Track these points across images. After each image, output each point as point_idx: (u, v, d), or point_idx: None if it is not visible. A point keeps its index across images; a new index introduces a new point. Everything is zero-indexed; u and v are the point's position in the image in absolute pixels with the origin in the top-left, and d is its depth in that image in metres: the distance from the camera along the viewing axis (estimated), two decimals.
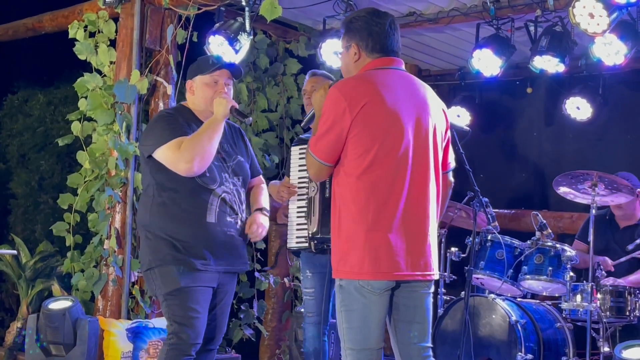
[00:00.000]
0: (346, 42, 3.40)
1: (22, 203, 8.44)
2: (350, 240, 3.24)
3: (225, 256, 3.93)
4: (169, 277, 3.83)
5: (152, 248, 3.90)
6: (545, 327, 5.29)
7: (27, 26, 6.77)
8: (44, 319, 5.08)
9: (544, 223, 5.36)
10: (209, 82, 4.00)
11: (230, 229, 3.94)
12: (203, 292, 3.87)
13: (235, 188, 4.00)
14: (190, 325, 3.81)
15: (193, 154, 3.80)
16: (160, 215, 3.90)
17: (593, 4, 4.67)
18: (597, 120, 6.60)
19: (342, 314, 3.27)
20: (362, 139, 3.21)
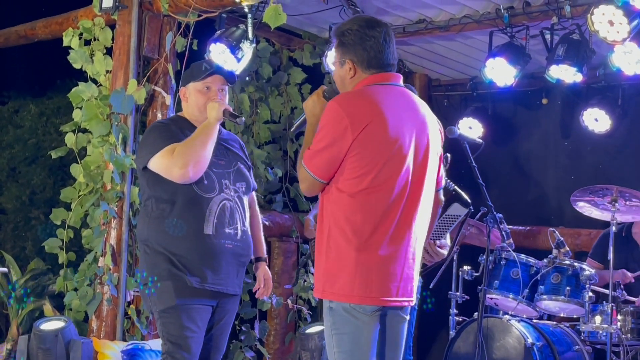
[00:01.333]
0: (340, 57, 3.34)
1: (12, 218, 8.45)
2: (341, 260, 3.20)
3: (224, 273, 3.91)
4: (165, 293, 3.84)
5: (149, 263, 3.92)
6: (563, 350, 5.26)
7: (20, 33, 6.79)
8: (35, 340, 5.08)
9: (561, 240, 5.35)
10: (201, 89, 4.02)
11: (229, 241, 3.92)
12: (200, 311, 3.86)
13: (237, 195, 4.00)
14: (185, 345, 3.81)
15: (187, 158, 3.82)
16: (158, 229, 3.90)
17: (613, 10, 4.69)
18: (616, 132, 6.60)
19: (333, 338, 3.23)
20: (363, 160, 3.19)
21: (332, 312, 3.22)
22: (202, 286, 3.85)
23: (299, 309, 6.47)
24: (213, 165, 3.93)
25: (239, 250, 3.96)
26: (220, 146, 4.01)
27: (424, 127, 3.34)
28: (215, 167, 3.94)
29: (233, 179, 4.01)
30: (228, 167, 4.03)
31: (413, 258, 3.30)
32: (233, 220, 3.94)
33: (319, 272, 3.27)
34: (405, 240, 3.26)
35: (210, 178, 3.92)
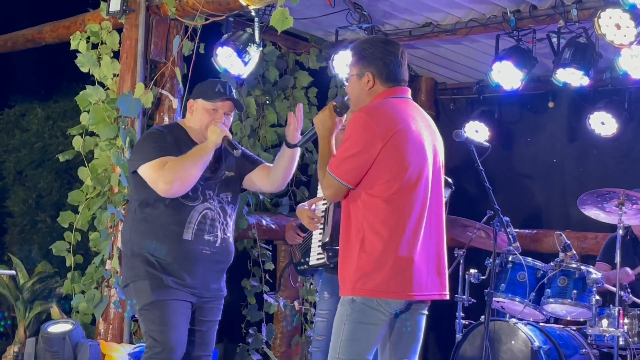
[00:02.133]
0: (359, 70, 3.58)
1: (19, 222, 8.48)
2: (378, 261, 3.42)
3: (201, 277, 4.06)
4: (143, 291, 4.01)
5: (129, 265, 4.09)
6: (569, 354, 5.27)
7: (27, 37, 6.81)
8: (42, 342, 5.10)
9: (568, 244, 5.36)
10: (209, 109, 4.16)
11: (207, 248, 4.07)
12: (178, 306, 4.00)
13: (221, 205, 4.15)
14: (164, 339, 3.95)
15: (174, 176, 3.97)
16: (140, 232, 4.08)
17: (620, 14, 4.69)
18: (623, 136, 6.60)
19: (345, 325, 3.46)
20: (392, 165, 3.42)
21: (353, 304, 3.44)
22: (178, 287, 4.01)
23: (306, 311, 6.49)
24: (200, 177, 4.07)
25: (217, 257, 4.12)
26: (211, 160, 4.12)
27: (435, 135, 3.64)
28: (202, 180, 4.09)
29: (218, 189, 4.17)
30: (215, 178, 4.17)
31: (442, 255, 3.58)
32: (213, 228, 4.10)
33: (348, 272, 3.47)
34: (434, 238, 3.55)
35: (195, 188, 4.07)
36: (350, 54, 3.67)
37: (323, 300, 4.61)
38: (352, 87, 3.61)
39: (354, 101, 3.61)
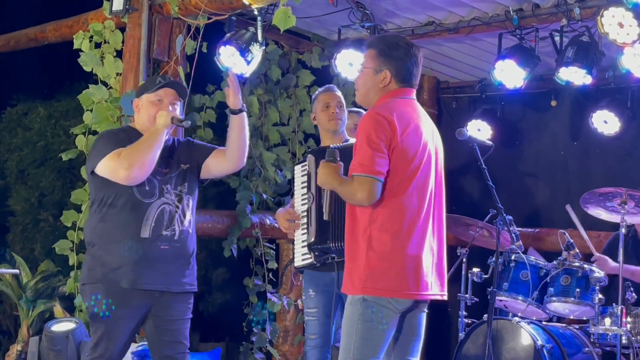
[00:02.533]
0: (377, 65, 3.60)
1: (21, 220, 8.52)
2: (388, 258, 3.46)
3: (159, 274, 4.12)
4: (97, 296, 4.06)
5: (88, 265, 4.16)
6: (572, 353, 5.26)
7: (30, 36, 6.82)
8: (46, 341, 5.11)
9: (571, 242, 5.36)
10: (154, 100, 4.23)
11: (165, 243, 4.13)
12: (127, 314, 4.08)
13: (179, 197, 4.21)
14: (106, 345, 4.05)
15: (132, 160, 4.02)
16: (98, 233, 4.14)
17: (623, 12, 4.70)
18: (626, 134, 6.60)
19: (358, 325, 3.47)
20: (403, 165, 3.47)
21: (364, 303, 3.45)
22: (134, 287, 4.06)
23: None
24: (156, 173, 4.15)
25: (177, 250, 4.18)
26: (165, 154, 4.20)
27: (436, 136, 3.71)
28: (158, 175, 4.16)
29: (175, 183, 4.22)
30: (171, 172, 4.23)
31: (442, 255, 3.64)
32: (171, 223, 4.16)
33: (356, 271, 3.48)
34: (437, 239, 3.61)
35: (152, 184, 4.14)
36: (368, 46, 3.69)
37: (309, 298, 4.62)
38: (365, 79, 3.65)
39: (362, 93, 3.66)
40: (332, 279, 4.50)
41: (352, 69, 5.89)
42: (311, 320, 4.60)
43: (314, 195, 4.37)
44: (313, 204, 4.39)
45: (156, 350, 4.22)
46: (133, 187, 4.09)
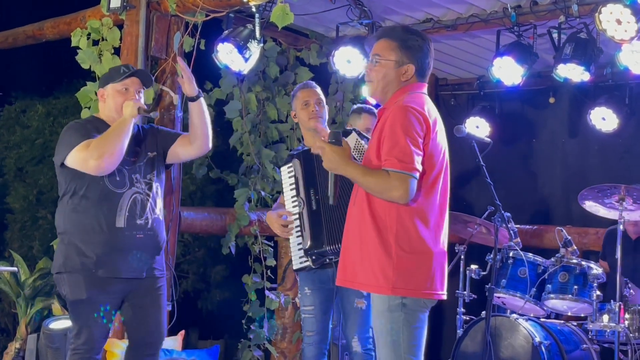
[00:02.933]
0: (399, 58, 3.49)
1: (20, 218, 8.51)
2: (418, 258, 3.38)
3: (135, 262, 4.22)
4: (76, 286, 4.15)
5: (64, 253, 4.20)
6: (570, 349, 5.28)
7: (27, 33, 6.81)
8: (44, 339, 5.12)
9: (569, 239, 5.37)
10: (120, 89, 4.31)
11: (140, 232, 4.22)
12: (107, 302, 4.16)
13: (148, 185, 4.30)
14: (89, 332, 4.14)
15: (102, 150, 4.08)
16: (72, 222, 4.19)
17: (620, 9, 4.69)
18: (624, 131, 6.61)
19: (404, 331, 3.38)
20: (432, 161, 3.40)
21: (405, 308, 3.38)
22: (112, 276, 4.15)
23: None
24: (125, 162, 4.22)
25: (151, 238, 4.28)
26: (132, 143, 4.27)
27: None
28: (127, 165, 4.24)
29: (144, 171, 4.31)
30: (139, 161, 4.31)
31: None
32: (144, 211, 4.24)
33: (380, 270, 3.37)
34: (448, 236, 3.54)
35: (122, 174, 4.21)
36: (383, 37, 3.55)
37: (305, 296, 4.63)
38: (384, 71, 3.51)
39: (379, 86, 3.53)
40: (329, 276, 4.51)
41: (350, 66, 5.89)
42: (308, 317, 4.60)
43: (303, 200, 4.40)
44: (304, 209, 4.42)
45: (133, 335, 4.33)
46: (104, 177, 4.16)
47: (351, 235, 3.51)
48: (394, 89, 3.52)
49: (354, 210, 3.52)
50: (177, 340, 5.47)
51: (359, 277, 3.46)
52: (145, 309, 4.30)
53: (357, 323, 4.48)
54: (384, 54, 3.51)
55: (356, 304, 4.46)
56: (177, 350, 5.37)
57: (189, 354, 5.34)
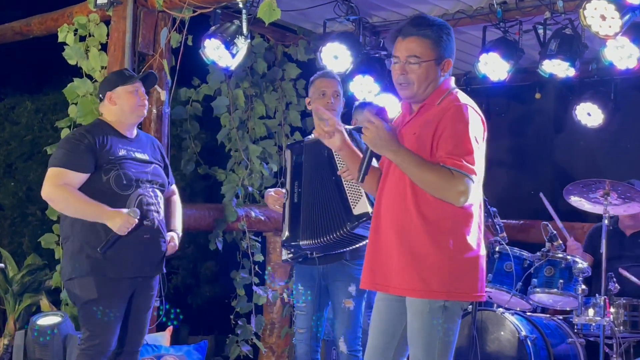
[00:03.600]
0: (437, 55, 3.33)
1: (9, 214, 8.45)
2: (471, 261, 3.28)
3: (140, 262, 4.27)
4: (87, 287, 4.19)
5: (73, 259, 4.24)
6: (556, 343, 5.28)
7: (15, 30, 6.75)
8: (32, 335, 5.07)
9: (554, 234, 5.36)
10: (131, 91, 4.40)
11: (147, 233, 4.27)
12: (117, 303, 4.22)
13: (152, 189, 4.35)
14: (102, 333, 4.18)
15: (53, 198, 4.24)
16: (79, 226, 4.22)
17: (605, 5, 4.67)
18: (609, 126, 6.62)
19: (441, 335, 3.28)
20: (482, 165, 3.33)
21: (446, 312, 3.27)
22: (121, 276, 4.21)
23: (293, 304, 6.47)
24: (131, 166, 4.28)
25: (156, 240, 4.34)
26: (137, 148, 4.38)
27: None
28: (133, 168, 4.29)
29: (151, 176, 4.38)
30: (146, 167, 4.38)
31: None
32: (149, 213, 4.29)
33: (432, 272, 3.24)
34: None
35: (128, 177, 4.26)
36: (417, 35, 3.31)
37: (298, 293, 4.64)
38: (425, 72, 3.31)
39: (422, 86, 3.33)
40: (319, 273, 4.51)
41: (338, 62, 5.86)
42: (300, 314, 4.61)
43: (288, 192, 4.43)
44: (287, 200, 4.43)
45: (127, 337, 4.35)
46: (110, 180, 4.22)
47: (385, 237, 3.34)
48: (435, 86, 3.36)
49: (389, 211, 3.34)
50: (165, 336, 5.45)
51: (394, 281, 3.31)
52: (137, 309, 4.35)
53: (344, 324, 4.48)
54: (423, 55, 3.30)
55: (344, 304, 4.45)
56: (165, 346, 5.34)
57: (177, 349, 5.32)
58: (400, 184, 3.30)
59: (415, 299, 3.28)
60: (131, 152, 4.36)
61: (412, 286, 3.27)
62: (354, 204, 4.28)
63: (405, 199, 3.28)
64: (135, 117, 4.42)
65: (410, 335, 3.34)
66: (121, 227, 4.15)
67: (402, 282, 3.29)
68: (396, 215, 3.31)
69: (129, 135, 4.44)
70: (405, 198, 3.28)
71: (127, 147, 4.37)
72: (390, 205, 3.34)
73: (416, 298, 3.28)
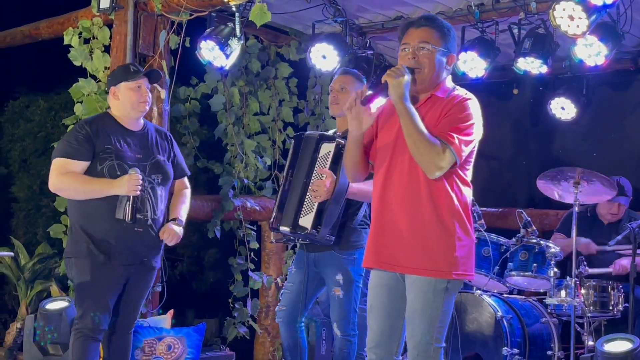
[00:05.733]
0: (445, 47, 3.38)
1: (24, 207, 8.45)
2: (470, 242, 3.36)
3: (132, 252, 4.25)
4: (82, 268, 4.20)
5: (73, 240, 4.30)
6: (531, 323, 5.29)
7: (24, 33, 6.76)
8: (41, 319, 5.08)
9: (528, 220, 5.36)
10: (133, 87, 4.35)
11: (139, 226, 4.23)
12: (110, 286, 4.23)
13: (151, 185, 4.29)
14: (94, 313, 4.18)
15: (63, 188, 4.25)
16: (78, 211, 4.26)
17: (572, 6, 4.65)
18: (582, 120, 6.61)
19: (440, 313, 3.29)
20: (473, 154, 3.42)
21: (447, 292, 3.30)
22: (112, 262, 4.21)
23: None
24: (128, 158, 4.24)
25: (147, 235, 4.28)
26: (140, 140, 4.33)
27: None
28: (130, 160, 4.25)
29: (148, 171, 4.30)
30: (144, 160, 4.31)
31: None
32: (143, 207, 4.24)
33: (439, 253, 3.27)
34: None
35: (123, 168, 4.21)
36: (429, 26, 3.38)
37: (290, 274, 4.67)
38: (436, 58, 3.35)
39: (432, 73, 3.37)
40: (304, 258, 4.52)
41: (326, 61, 5.85)
42: (286, 292, 4.64)
43: (284, 177, 4.45)
44: (281, 187, 4.44)
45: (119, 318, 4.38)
46: (104, 171, 4.18)
47: (393, 220, 3.35)
48: (443, 78, 3.42)
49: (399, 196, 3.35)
50: (166, 319, 5.45)
51: (402, 261, 3.33)
52: (133, 295, 4.37)
53: (335, 311, 4.49)
54: (434, 42, 3.34)
55: (333, 292, 4.45)
56: (166, 328, 5.34)
57: (177, 331, 5.32)
58: (413, 173, 3.32)
59: (421, 277, 3.30)
60: (130, 144, 4.32)
61: (420, 265, 3.29)
62: (303, 215, 4.35)
63: (418, 186, 3.30)
64: (136, 112, 4.38)
65: (411, 315, 3.34)
66: (129, 187, 4.12)
67: (410, 261, 3.31)
68: (408, 200, 3.32)
69: (132, 128, 4.40)
70: (419, 185, 3.30)
71: (128, 138, 4.33)
72: (399, 191, 3.35)
73: (422, 277, 3.29)
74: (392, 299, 3.43)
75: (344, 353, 4.48)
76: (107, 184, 4.15)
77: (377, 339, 3.45)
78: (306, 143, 4.53)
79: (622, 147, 6.60)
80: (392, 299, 3.43)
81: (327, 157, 4.36)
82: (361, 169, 3.56)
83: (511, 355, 5.03)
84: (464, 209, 3.35)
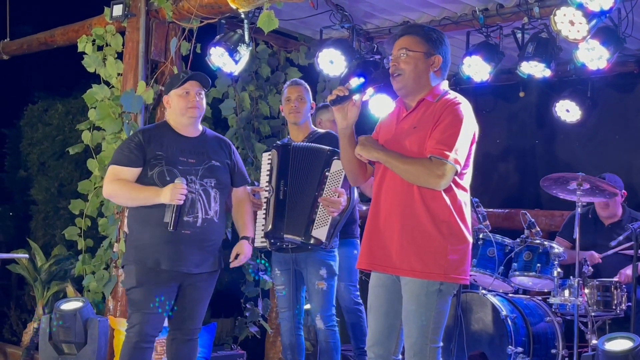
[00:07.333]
0: (427, 49, 3.43)
1: (43, 209, 8.53)
2: (464, 246, 3.38)
3: (182, 256, 4.16)
4: (130, 275, 4.21)
5: (126, 247, 4.35)
6: (535, 322, 5.30)
7: (40, 40, 6.84)
8: (56, 319, 5.14)
9: (532, 221, 5.37)
10: (181, 94, 4.28)
11: (187, 229, 4.16)
12: (160, 290, 4.15)
13: (203, 188, 4.25)
14: (145, 318, 4.13)
15: (111, 193, 4.26)
16: (132, 218, 4.30)
17: (573, 11, 4.67)
18: (587, 122, 6.61)
19: (434, 314, 3.33)
20: (469, 159, 3.43)
21: (440, 294, 3.34)
22: (160, 268, 4.14)
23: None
24: (179, 163, 4.21)
25: (199, 235, 4.21)
26: (194, 146, 4.28)
27: None
28: (180, 165, 4.21)
29: (201, 175, 4.26)
30: (198, 164, 4.26)
31: None
32: (193, 209, 4.18)
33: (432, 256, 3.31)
34: None
35: (173, 174, 4.18)
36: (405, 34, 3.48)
37: (277, 277, 4.76)
38: (414, 62, 3.41)
39: (412, 76, 3.42)
40: (291, 259, 4.62)
41: (333, 66, 5.89)
42: (280, 296, 4.74)
43: (273, 189, 4.49)
44: (272, 196, 4.49)
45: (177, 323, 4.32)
46: (154, 176, 4.17)
47: (386, 223, 3.39)
48: (427, 81, 3.44)
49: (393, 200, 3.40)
50: None
51: (394, 262, 3.37)
52: (192, 302, 4.26)
53: (318, 304, 4.59)
54: (412, 47, 3.43)
55: (317, 286, 4.54)
56: None
57: None
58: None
59: (413, 279, 3.33)
60: (185, 150, 4.27)
61: (411, 267, 3.32)
62: (317, 226, 4.42)
63: (411, 190, 3.35)
64: (186, 118, 4.29)
65: (406, 316, 3.39)
66: (172, 196, 4.08)
67: (402, 263, 3.35)
68: (401, 204, 3.37)
69: (187, 134, 4.33)
70: (412, 189, 3.35)
71: (182, 144, 4.28)
72: (393, 195, 3.41)
73: (414, 279, 3.33)
74: (390, 299, 3.47)
75: (331, 344, 4.57)
76: (153, 192, 4.14)
77: (375, 338, 3.50)
78: (298, 152, 4.56)
79: (627, 148, 6.59)
80: (390, 299, 3.47)
81: (339, 174, 4.43)
82: (357, 170, 3.61)
83: (515, 354, 5.05)
84: (459, 213, 3.36)
